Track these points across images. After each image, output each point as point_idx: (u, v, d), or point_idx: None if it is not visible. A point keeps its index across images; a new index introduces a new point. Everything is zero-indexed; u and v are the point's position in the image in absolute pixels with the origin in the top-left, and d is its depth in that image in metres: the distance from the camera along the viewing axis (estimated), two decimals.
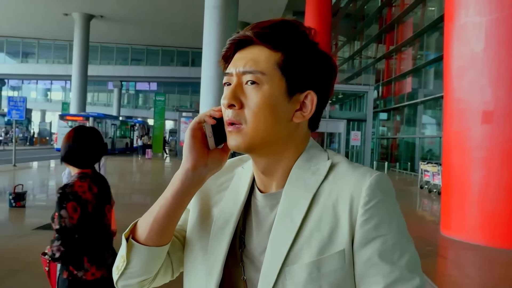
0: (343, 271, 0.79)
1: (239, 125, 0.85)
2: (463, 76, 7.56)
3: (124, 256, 0.90)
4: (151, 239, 0.90)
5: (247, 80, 0.84)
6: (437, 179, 13.79)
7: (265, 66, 0.84)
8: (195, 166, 0.88)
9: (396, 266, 0.78)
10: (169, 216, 0.89)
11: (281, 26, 0.86)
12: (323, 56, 0.89)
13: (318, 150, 0.91)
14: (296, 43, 0.85)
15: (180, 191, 0.89)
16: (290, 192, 0.86)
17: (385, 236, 0.79)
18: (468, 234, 7.27)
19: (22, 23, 40.20)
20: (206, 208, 0.97)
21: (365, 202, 0.80)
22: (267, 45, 0.85)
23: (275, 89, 0.84)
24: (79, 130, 2.47)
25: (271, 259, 0.83)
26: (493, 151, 7.15)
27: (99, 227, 2.39)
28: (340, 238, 0.80)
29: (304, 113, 0.87)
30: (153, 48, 48.56)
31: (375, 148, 27.36)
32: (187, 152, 0.89)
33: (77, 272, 2.28)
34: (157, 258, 0.92)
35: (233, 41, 0.88)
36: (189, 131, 0.89)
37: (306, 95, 0.86)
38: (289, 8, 32.16)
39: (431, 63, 21.10)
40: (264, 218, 0.89)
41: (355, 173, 0.84)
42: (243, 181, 0.96)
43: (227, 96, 0.85)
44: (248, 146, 0.86)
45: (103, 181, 2.53)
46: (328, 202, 0.83)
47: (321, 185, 0.85)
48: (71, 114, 30.12)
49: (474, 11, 7.32)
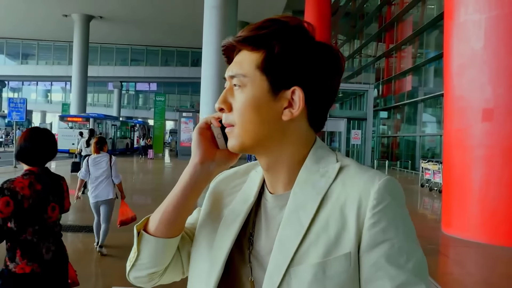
0: (348, 273, 0.79)
1: (231, 126, 0.88)
2: (463, 74, 7.56)
3: (135, 248, 0.94)
4: (160, 231, 0.92)
5: (234, 84, 0.88)
6: (438, 177, 13.79)
7: (247, 68, 0.86)
8: (203, 161, 0.91)
9: (403, 270, 0.77)
10: (178, 209, 0.92)
11: (262, 26, 0.85)
12: (319, 50, 0.86)
13: (326, 151, 0.90)
14: (279, 39, 0.84)
15: (189, 184, 0.92)
16: (298, 194, 0.86)
17: (392, 239, 0.79)
18: (469, 232, 7.28)
19: (22, 25, 40.22)
20: (217, 208, 0.99)
21: (373, 205, 0.79)
22: (248, 47, 0.86)
23: (257, 90, 0.85)
24: (32, 131, 2.62)
25: (277, 259, 0.83)
26: (494, 148, 7.15)
27: (37, 223, 2.45)
28: (347, 241, 0.80)
29: (293, 109, 0.85)
30: (153, 48, 48.59)
31: (375, 146, 27.36)
32: (194, 147, 0.92)
33: (9, 263, 2.39)
34: (166, 251, 0.94)
35: (222, 48, 0.92)
36: (197, 129, 0.93)
37: (293, 91, 0.85)
38: (289, 7, 32.15)
39: (431, 61, 21.10)
40: (273, 218, 0.90)
41: (364, 176, 0.84)
42: (254, 182, 0.97)
43: (218, 100, 0.89)
44: (241, 146, 0.88)
45: (54, 180, 2.66)
46: (336, 204, 0.83)
47: (330, 187, 0.85)
48: (71, 115, 30.13)
49: (473, 9, 7.33)
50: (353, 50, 35.41)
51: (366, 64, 32.20)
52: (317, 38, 0.88)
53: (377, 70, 30.13)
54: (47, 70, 49.24)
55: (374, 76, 30.21)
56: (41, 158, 2.57)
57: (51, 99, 55.25)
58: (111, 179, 6.04)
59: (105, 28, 38.05)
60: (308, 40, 0.86)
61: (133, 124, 37.45)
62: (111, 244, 6.06)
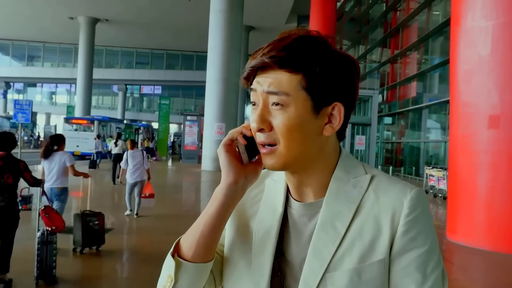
0: (382, 279, 0.84)
1: (273, 145, 0.87)
2: (469, 80, 7.55)
3: (172, 275, 0.90)
4: (198, 256, 0.91)
5: (273, 102, 0.85)
6: (442, 184, 13.73)
7: (288, 87, 0.84)
8: (237, 180, 0.90)
9: (429, 279, 0.83)
10: (215, 230, 0.91)
11: (297, 46, 0.85)
12: (344, 61, 0.88)
13: (353, 161, 0.94)
14: (315, 60, 0.85)
15: (225, 204, 0.90)
16: (332, 203, 0.89)
17: (422, 248, 0.84)
18: (474, 239, 7.24)
19: (28, 27, 40.48)
20: (243, 221, 0.99)
21: (406, 214, 0.84)
22: (287, 69, 0.85)
23: (301, 109, 0.85)
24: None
25: (312, 266, 0.86)
26: (500, 155, 7.13)
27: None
28: (381, 248, 0.84)
29: (334, 124, 0.88)
30: (158, 51, 48.76)
31: (379, 152, 27.29)
32: (226, 167, 0.90)
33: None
34: (204, 275, 0.93)
35: (252, 68, 0.88)
36: (223, 147, 0.91)
37: (333, 107, 0.87)
38: (294, 12, 32.22)
39: (436, 67, 21.07)
40: (303, 227, 0.91)
41: (396, 186, 0.88)
42: (277, 192, 0.97)
43: (256, 120, 0.87)
44: (283, 165, 0.88)
45: (13, 161, 4.75)
46: (371, 213, 0.86)
47: (363, 197, 0.88)
48: (76, 117, 30.25)
49: (480, 15, 7.32)
50: (358, 55, 35.37)
51: (371, 70, 32.16)
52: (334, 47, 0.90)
53: (382, 75, 30.09)
54: (52, 72, 49.48)
55: (379, 81, 30.16)
56: (3, 147, 4.72)
57: (56, 101, 55.48)
58: (144, 166, 8.75)
59: (111, 31, 38.26)
60: (337, 55, 0.88)
61: (137, 127, 37.53)
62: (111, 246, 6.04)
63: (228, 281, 0.97)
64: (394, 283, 0.84)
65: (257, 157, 0.93)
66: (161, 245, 1.05)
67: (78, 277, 5.36)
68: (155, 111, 46.39)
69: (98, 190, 12.65)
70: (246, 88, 0.92)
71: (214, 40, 20.17)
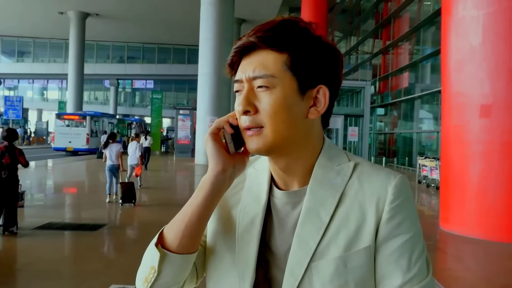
0: (368, 266, 0.83)
1: (259, 128, 0.86)
2: (461, 70, 7.55)
3: (155, 267, 0.87)
4: (183, 247, 0.89)
5: (258, 85, 0.86)
6: (435, 173, 13.81)
7: (274, 68, 0.85)
8: (225, 169, 0.88)
9: (415, 265, 0.83)
10: (201, 220, 0.89)
11: (283, 26, 0.86)
12: (328, 48, 0.89)
13: (336, 150, 0.95)
14: (301, 40, 0.86)
15: (212, 193, 0.89)
16: (316, 190, 0.88)
17: (407, 234, 0.84)
18: (467, 228, 7.28)
19: (18, 22, 40.08)
20: (225, 211, 0.97)
21: (391, 200, 0.85)
22: (273, 48, 0.85)
23: (287, 90, 0.85)
24: (5, 130, 6.71)
25: (297, 255, 0.85)
26: (492, 144, 7.15)
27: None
28: (366, 235, 0.84)
29: (319, 108, 0.88)
30: (149, 45, 48.47)
31: (372, 143, 27.37)
32: (215, 156, 0.89)
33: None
34: (188, 267, 0.91)
35: (237, 49, 0.88)
36: (210, 135, 0.90)
37: (318, 90, 0.88)
38: (285, 4, 32.14)
39: (428, 57, 21.11)
40: (286, 216, 0.90)
41: (379, 173, 0.89)
42: (260, 181, 0.96)
43: (241, 102, 0.86)
44: (269, 148, 0.87)
45: (12, 148, 6.43)
46: (355, 200, 0.86)
47: (346, 184, 0.88)
48: (68, 113, 30.05)
49: (471, 5, 7.31)
50: (349, 47, 35.39)
51: (363, 61, 32.19)
52: (319, 33, 0.91)
53: (374, 67, 30.12)
54: (43, 68, 49.10)
55: (371, 73, 30.20)
56: (8, 139, 6.48)
57: (47, 97, 55.09)
58: (137, 153, 11.65)
59: (101, 26, 37.96)
60: (321, 39, 0.89)
61: (130, 121, 37.37)
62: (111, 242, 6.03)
63: (212, 273, 0.95)
64: (379, 270, 0.84)
65: (243, 148, 0.92)
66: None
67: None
68: (147, 105, 46.16)
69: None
70: (230, 77, 0.92)
71: (206, 33, 20.06)
